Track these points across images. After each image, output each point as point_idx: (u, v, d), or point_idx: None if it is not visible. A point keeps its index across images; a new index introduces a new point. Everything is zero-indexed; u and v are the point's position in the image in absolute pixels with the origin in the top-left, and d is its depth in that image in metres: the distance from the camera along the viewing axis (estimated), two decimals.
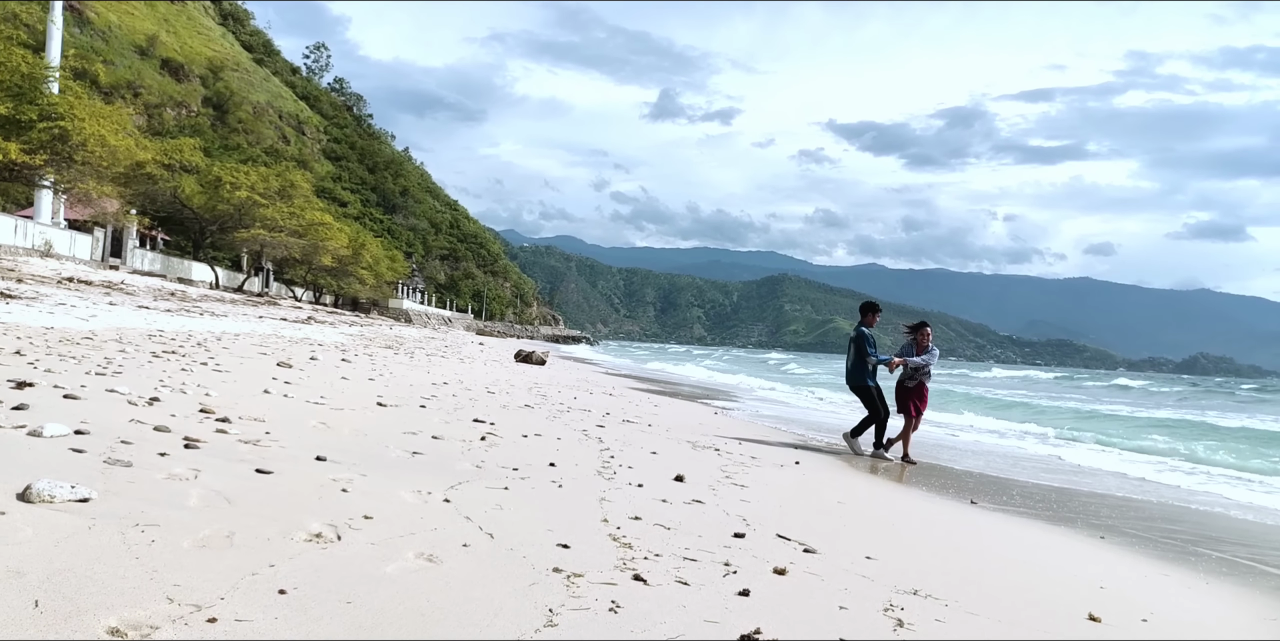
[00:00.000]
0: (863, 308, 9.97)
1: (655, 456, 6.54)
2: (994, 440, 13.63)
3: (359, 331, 27.79)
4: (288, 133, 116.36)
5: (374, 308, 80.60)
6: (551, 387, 13.57)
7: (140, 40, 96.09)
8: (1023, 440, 14.08)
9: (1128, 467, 10.98)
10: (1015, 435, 14.79)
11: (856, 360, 9.74)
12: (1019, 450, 12.46)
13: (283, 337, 15.25)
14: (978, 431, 14.96)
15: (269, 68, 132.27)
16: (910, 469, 8.76)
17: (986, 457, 10.61)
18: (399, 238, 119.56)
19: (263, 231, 43.91)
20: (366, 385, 8.63)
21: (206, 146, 64.34)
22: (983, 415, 19.85)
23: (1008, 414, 21.15)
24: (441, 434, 5.80)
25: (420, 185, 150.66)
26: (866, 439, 9.73)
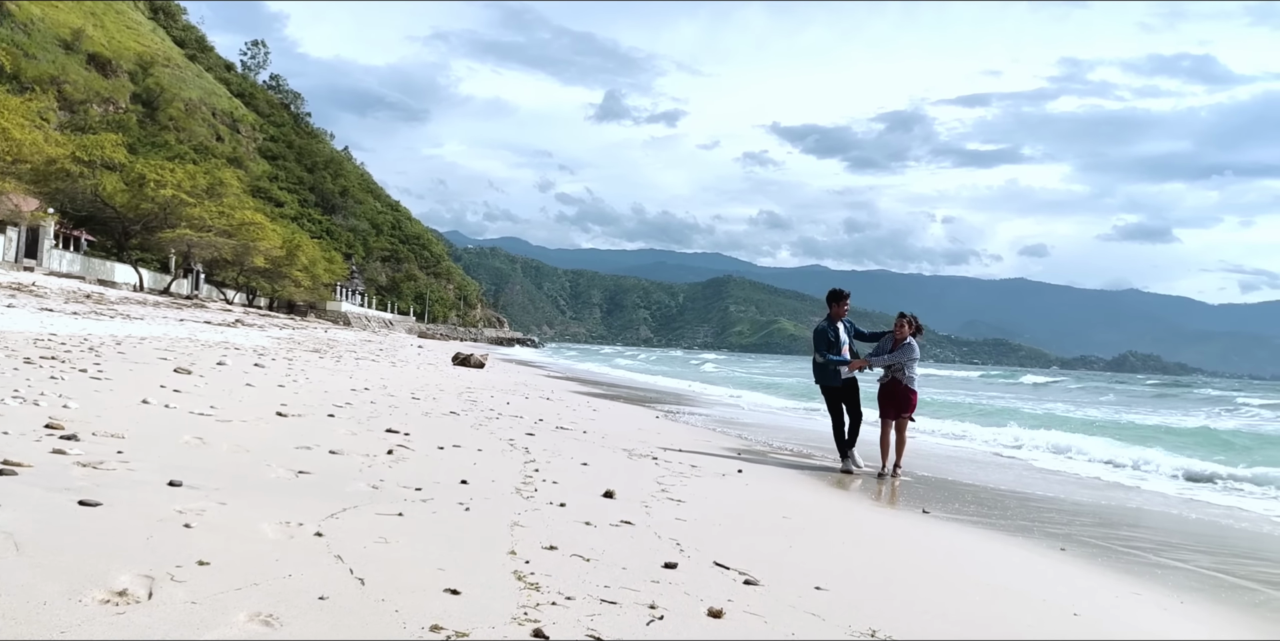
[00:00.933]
0: (827, 298, 8.80)
1: (585, 468, 5.97)
2: (932, 440, 13.35)
3: (288, 335, 26.67)
4: (221, 130, 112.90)
5: (311, 311, 78.45)
6: (485, 392, 12.91)
7: (65, 34, 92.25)
8: (960, 440, 13.85)
9: (1076, 468, 10.76)
10: (951, 436, 14.58)
11: (814, 358, 8.85)
12: (961, 450, 12.19)
13: (197, 341, 14.33)
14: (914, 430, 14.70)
15: (202, 64, 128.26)
16: (846, 476, 8.33)
17: (927, 458, 10.27)
18: (338, 239, 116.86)
19: (189, 231, 42.19)
20: (273, 392, 7.91)
21: (132, 143, 61.96)
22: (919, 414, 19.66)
23: (945, 413, 21.08)
24: (342, 448, 5.16)
25: (361, 185, 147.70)
26: (863, 451, 9.24)
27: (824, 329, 8.57)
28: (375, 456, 5.07)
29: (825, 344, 8.52)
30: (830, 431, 8.79)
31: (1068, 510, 7.42)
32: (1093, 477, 9.96)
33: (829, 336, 8.51)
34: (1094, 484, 9.55)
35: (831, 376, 8.53)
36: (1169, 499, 8.73)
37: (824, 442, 11.01)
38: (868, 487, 7.52)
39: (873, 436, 8.70)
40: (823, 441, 11.16)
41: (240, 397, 7.03)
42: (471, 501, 4.12)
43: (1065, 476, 10.06)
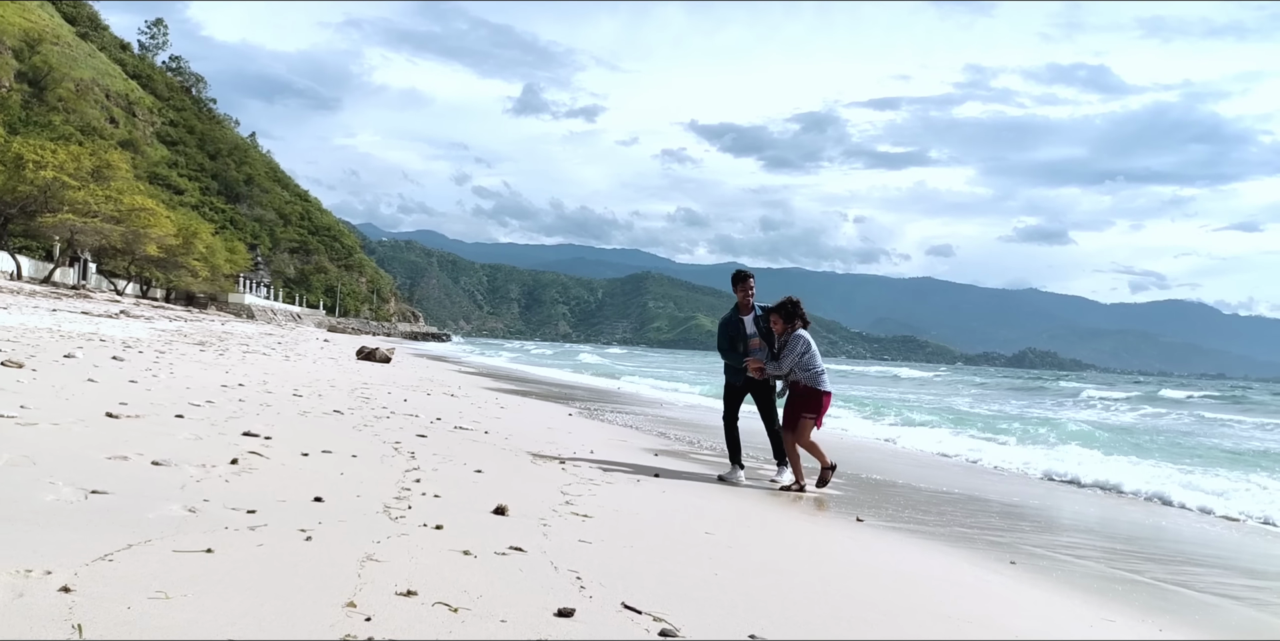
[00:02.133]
0: (731, 282, 7.37)
1: (478, 477, 5.15)
2: (843, 435, 12.92)
3: (176, 327, 24.87)
4: (116, 113, 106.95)
5: (212, 303, 74.75)
6: (383, 388, 11.89)
7: None
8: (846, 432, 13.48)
9: (993, 460, 10.43)
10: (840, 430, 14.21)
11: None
12: (887, 446, 11.77)
13: (57, 332, 12.88)
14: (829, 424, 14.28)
15: (95, 43, 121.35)
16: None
17: (849, 451, 9.76)
18: (243, 229, 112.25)
19: (73, 217, 39.33)
20: (118, 389, 6.81)
21: (12, 123, 57.80)
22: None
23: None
24: (173, 457, 4.21)
25: (268, 174, 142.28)
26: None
27: (726, 321, 7.24)
28: (213, 467, 4.15)
29: (726, 340, 7.23)
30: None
31: (1007, 512, 6.94)
32: (1064, 484, 9.60)
33: (729, 330, 7.19)
34: (997, 475, 9.20)
35: (734, 374, 7.28)
36: (1079, 493, 8.43)
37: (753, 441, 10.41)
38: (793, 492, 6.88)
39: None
40: (752, 440, 10.52)
41: (70, 396, 5.95)
42: (319, 526, 3.26)
43: (955, 464, 9.70)
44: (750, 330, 7.12)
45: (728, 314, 7.27)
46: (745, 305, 7.16)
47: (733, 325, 7.18)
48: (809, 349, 6.84)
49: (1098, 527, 6.89)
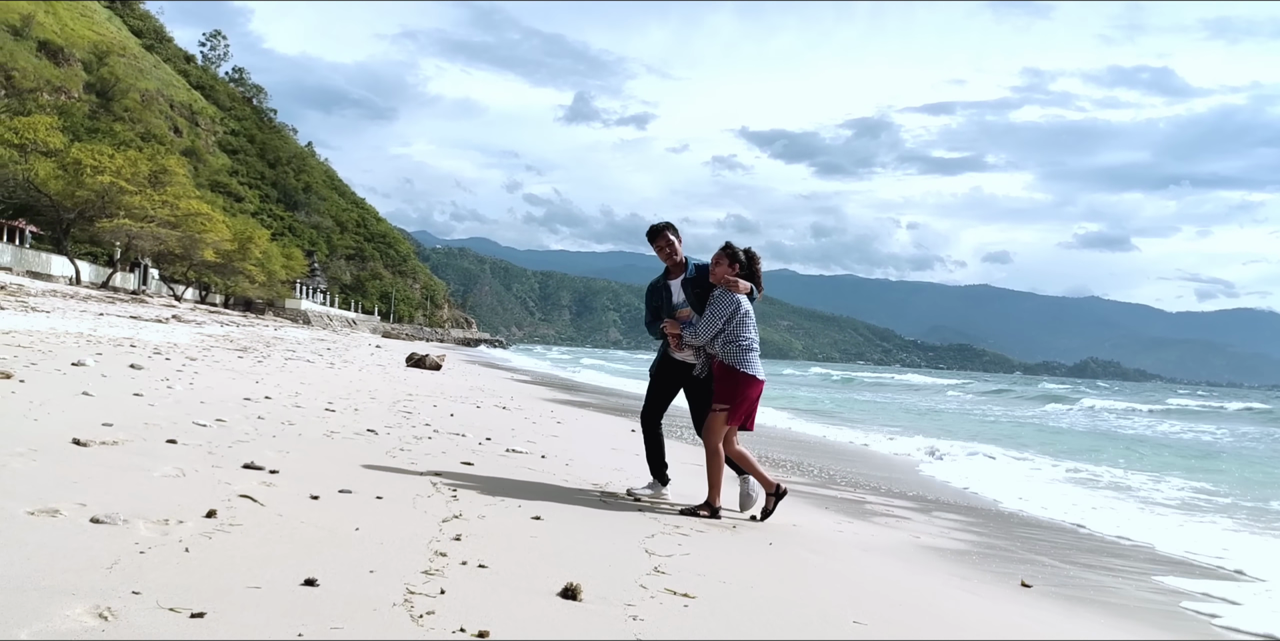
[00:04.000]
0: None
1: (537, 527, 3.96)
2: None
3: (225, 332, 24.29)
4: (179, 122, 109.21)
5: (269, 308, 75.39)
6: (429, 400, 10.82)
7: (14, 20, 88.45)
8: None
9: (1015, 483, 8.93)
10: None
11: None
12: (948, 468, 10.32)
13: (88, 337, 12.08)
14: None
15: (160, 55, 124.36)
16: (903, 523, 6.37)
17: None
18: (301, 235, 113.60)
19: (129, 222, 39.42)
20: (114, 405, 5.79)
21: (77, 130, 58.76)
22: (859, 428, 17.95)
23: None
24: (125, 509, 3.09)
25: (325, 182, 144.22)
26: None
27: (651, 287, 5.63)
28: (178, 524, 3.01)
29: (649, 311, 5.65)
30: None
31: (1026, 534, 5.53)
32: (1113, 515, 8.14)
33: (651, 299, 5.61)
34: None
35: (662, 358, 5.65)
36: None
37: (848, 463, 9.10)
38: (943, 539, 5.56)
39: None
40: (846, 461, 9.23)
41: (42, 415, 4.91)
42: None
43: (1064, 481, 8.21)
44: (679, 298, 5.41)
45: (656, 278, 5.60)
46: (672, 266, 5.45)
47: (655, 292, 5.55)
48: (739, 312, 5.00)
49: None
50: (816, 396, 33.18)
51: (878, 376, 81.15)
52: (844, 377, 59.48)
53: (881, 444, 13.45)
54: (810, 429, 15.50)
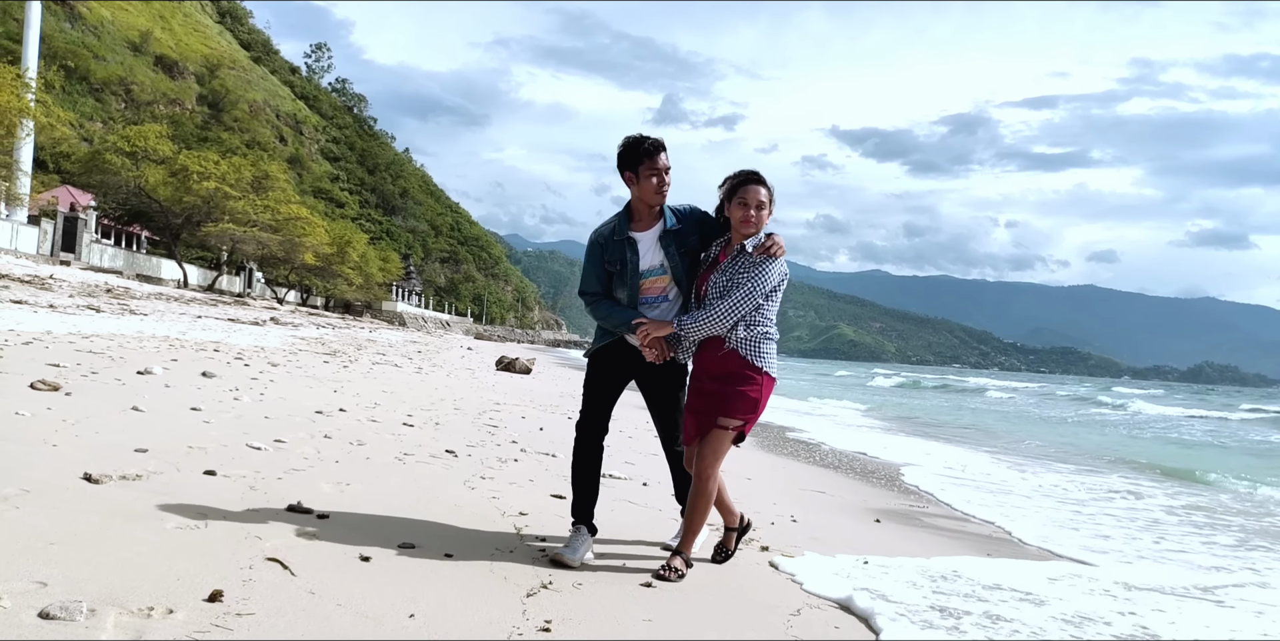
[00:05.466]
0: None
1: (652, 601, 3.00)
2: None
3: (319, 334, 24.28)
4: (285, 132, 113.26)
5: (367, 310, 77.07)
6: (517, 410, 10.03)
7: (134, 36, 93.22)
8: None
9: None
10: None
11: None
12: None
13: (171, 341, 11.76)
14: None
15: (267, 66, 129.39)
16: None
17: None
18: (398, 239, 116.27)
19: (233, 226, 40.39)
20: (163, 422, 5.11)
21: (186, 139, 61.02)
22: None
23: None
24: (93, 592, 2.26)
25: (421, 187, 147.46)
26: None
27: (598, 239, 3.68)
28: (163, 617, 2.17)
29: (595, 278, 3.68)
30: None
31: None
32: None
33: (601, 255, 3.65)
34: None
35: (602, 336, 3.77)
36: None
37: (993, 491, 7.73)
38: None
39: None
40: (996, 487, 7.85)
41: (66, 439, 4.22)
42: None
43: None
44: (654, 260, 3.56)
45: (604, 225, 3.67)
46: (644, 206, 3.56)
47: (610, 247, 3.58)
48: (770, 285, 3.49)
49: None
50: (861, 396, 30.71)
51: (941, 378, 78.04)
52: (909, 381, 56.41)
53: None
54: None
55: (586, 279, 3.70)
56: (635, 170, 3.49)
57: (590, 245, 3.67)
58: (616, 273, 3.58)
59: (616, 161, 3.52)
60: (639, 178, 3.48)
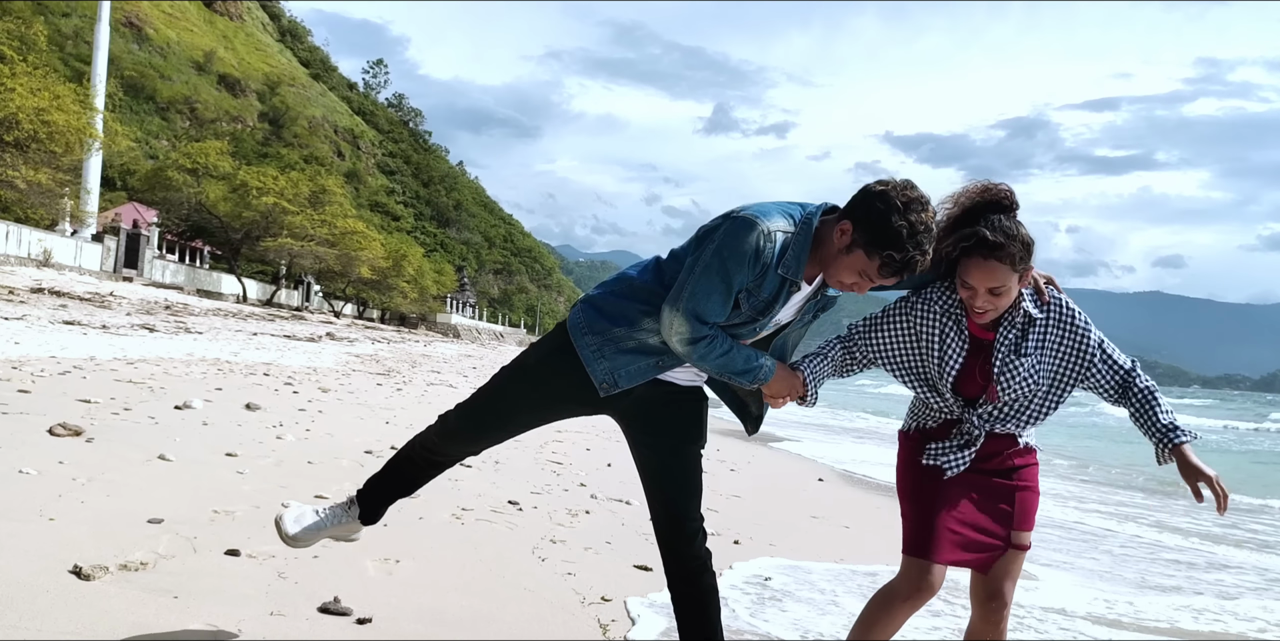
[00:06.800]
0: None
1: None
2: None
3: (374, 351, 23.98)
4: (343, 147, 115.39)
5: (422, 322, 77.55)
6: (580, 438, 9.29)
7: (198, 56, 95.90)
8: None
9: None
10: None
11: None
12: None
13: (221, 364, 11.32)
14: None
15: (325, 83, 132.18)
16: None
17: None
18: (452, 251, 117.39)
19: (290, 240, 40.71)
20: (186, 475, 4.47)
21: (246, 155, 62.08)
22: None
23: None
24: None
25: (475, 199, 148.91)
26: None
27: (760, 244, 2.18)
28: None
29: (719, 299, 2.20)
30: None
31: None
32: None
33: (750, 274, 2.20)
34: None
35: (589, 335, 2.34)
36: None
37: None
38: None
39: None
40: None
41: (68, 507, 3.57)
42: None
43: None
44: (789, 316, 2.40)
45: (772, 223, 2.21)
46: (834, 263, 2.25)
47: (767, 274, 2.21)
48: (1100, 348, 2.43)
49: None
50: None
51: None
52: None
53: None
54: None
55: (710, 298, 2.18)
56: (873, 246, 2.15)
57: (748, 250, 2.16)
58: (744, 309, 2.25)
59: (862, 210, 2.18)
60: (864, 246, 2.16)
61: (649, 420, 2.39)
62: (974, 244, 2.21)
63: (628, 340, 2.29)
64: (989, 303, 2.25)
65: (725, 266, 2.18)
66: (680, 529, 2.35)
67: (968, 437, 2.34)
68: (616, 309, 2.32)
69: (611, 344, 2.30)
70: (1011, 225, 2.22)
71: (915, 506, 2.36)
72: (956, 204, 2.31)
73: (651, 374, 2.33)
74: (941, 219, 2.28)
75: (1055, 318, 2.35)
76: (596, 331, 2.31)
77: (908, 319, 2.40)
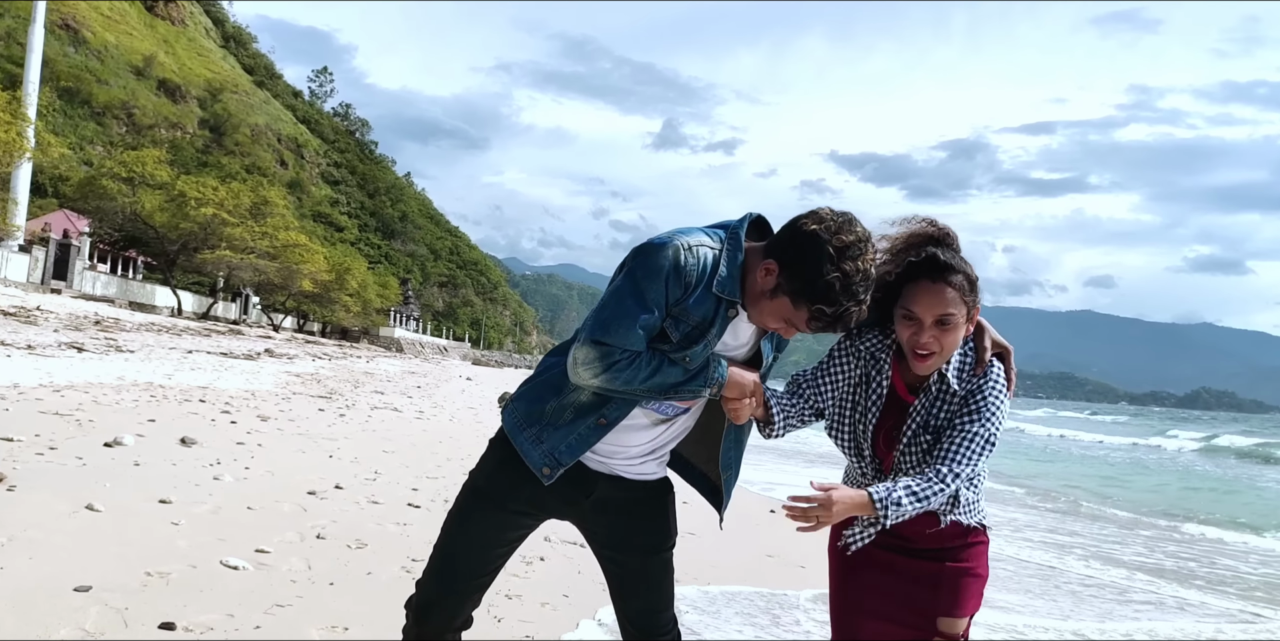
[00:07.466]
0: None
1: None
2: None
3: (315, 368, 23.39)
4: (286, 156, 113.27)
5: (364, 336, 76.14)
6: None
7: (137, 60, 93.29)
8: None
9: None
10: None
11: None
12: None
13: (157, 389, 10.89)
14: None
15: (269, 91, 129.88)
16: None
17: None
18: (396, 263, 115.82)
19: (230, 253, 39.70)
20: (112, 532, 4.21)
21: (185, 163, 60.54)
22: None
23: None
24: None
25: (421, 211, 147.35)
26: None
27: (680, 262, 1.92)
28: None
29: (633, 323, 1.91)
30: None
31: None
32: None
33: (680, 292, 1.93)
34: None
35: (527, 429, 2.11)
36: None
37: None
38: None
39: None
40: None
41: None
42: None
43: None
44: (743, 345, 2.09)
45: (696, 241, 1.97)
46: (760, 305, 1.97)
47: (700, 295, 1.95)
48: (994, 420, 2.07)
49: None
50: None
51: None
52: None
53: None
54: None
55: (620, 323, 1.90)
56: (801, 297, 1.89)
57: (664, 264, 1.91)
58: (674, 337, 1.95)
59: (791, 253, 1.90)
60: (790, 295, 1.90)
61: (611, 530, 2.16)
62: (924, 262, 2.04)
63: (561, 412, 2.05)
64: (935, 340, 2.01)
65: (637, 286, 1.90)
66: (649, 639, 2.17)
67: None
68: (539, 388, 2.11)
69: (548, 426, 2.06)
70: (959, 257, 2.09)
71: (834, 594, 2.24)
72: (900, 237, 2.15)
73: (595, 437, 2.03)
74: (882, 250, 2.10)
75: (968, 394, 2.07)
76: (530, 421, 2.09)
77: (855, 360, 2.19)
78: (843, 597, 2.21)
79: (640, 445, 2.11)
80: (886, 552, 2.15)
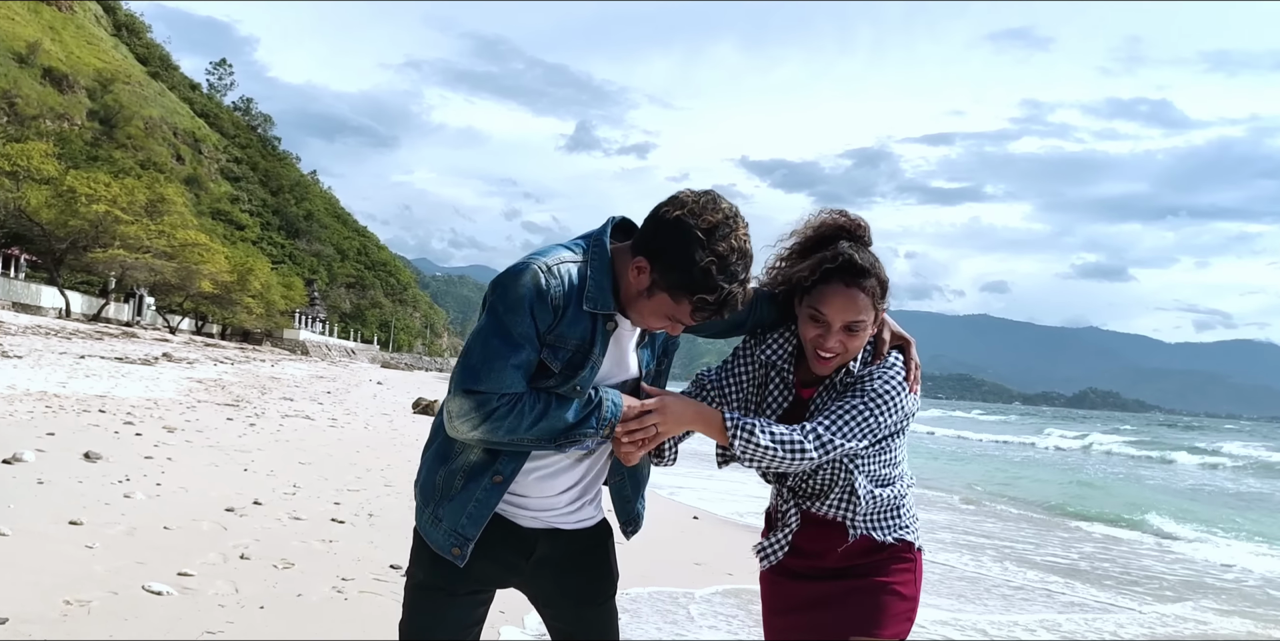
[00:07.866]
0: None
1: None
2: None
3: (218, 374, 22.56)
4: (182, 150, 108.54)
5: (267, 339, 73.60)
6: None
7: (20, 47, 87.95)
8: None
9: None
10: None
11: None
12: None
13: (52, 398, 10.36)
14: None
15: (165, 82, 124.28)
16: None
17: None
18: (301, 263, 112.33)
19: (123, 252, 37.86)
20: (19, 557, 4.04)
21: (74, 157, 57.45)
22: None
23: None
24: None
25: (327, 210, 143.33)
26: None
27: (541, 287, 1.78)
28: None
29: (506, 362, 1.75)
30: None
31: None
32: None
33: (549, 322, 1.79)
34: None
35: (462, 514, 1.87)
36: None
37: None
38: None
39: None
40: None
41: None
42: None
43: None
44: (628, 369, 1.98)
45: (553, 259, 1.83)
46: (635, 302, 1.86)
47: (572, 318, 1.82)
48: (903, 406, 2.01)
49: None
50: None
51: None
52: None
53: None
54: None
55: (490, 366, 1.76)
56: (679, 289, 1.78)
57: (524, 293, 1.78)
58: (587, 354, 1.84)
59: (657, 243, 1.79)
60: (668, 289, 1.79)
61: (555, 588, 2.02)
62: (839, 266, 1.93)
63: (451, 480, 1.86)
64: (840, 344, 1.94)
65: (501, 323, 1.76)
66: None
67: (782, 520, 2.06)
68: (428, 460, 1.94)
69: (443, 501, 1.87)
70: (873, 257, 2.00)
71: (764, 614, 2.20)
72: (810, 227, 2.06)
73: (495, 498, 1.86)
74: (792, 244, 2.07)
75: (859, 378, 2.00)
76: (426, 500, 1.91)
77: (757, 362, 2.11)
78: (766, 621, 2.20)
79: (570, 489, 1.96)
80: (804, 585, 2.07)
